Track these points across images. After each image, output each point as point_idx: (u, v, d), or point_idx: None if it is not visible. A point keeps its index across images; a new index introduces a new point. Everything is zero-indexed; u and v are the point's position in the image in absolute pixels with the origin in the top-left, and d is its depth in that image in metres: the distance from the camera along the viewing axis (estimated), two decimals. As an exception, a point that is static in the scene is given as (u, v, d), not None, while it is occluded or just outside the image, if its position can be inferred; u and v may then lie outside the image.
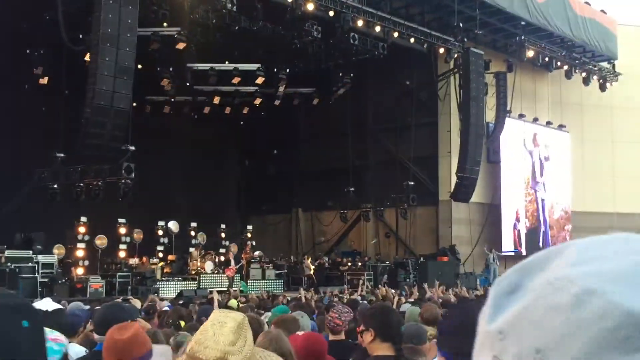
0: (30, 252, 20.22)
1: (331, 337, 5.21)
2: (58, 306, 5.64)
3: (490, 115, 29.12)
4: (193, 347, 1.79)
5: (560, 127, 33.15)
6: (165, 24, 23.10)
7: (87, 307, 7.40)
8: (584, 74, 31.86)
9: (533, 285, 0.67)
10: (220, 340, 1.77)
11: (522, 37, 28.62)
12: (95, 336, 3.91)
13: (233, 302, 11.26)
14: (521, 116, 31.27)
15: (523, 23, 27.89)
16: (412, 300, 12.09)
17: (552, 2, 28.37)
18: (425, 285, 18.31)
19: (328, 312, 6.19)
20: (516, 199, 31.13)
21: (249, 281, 24.33)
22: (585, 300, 0.63)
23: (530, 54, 29.03)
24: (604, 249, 0.68)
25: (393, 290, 16.95)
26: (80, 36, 20.56)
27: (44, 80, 24.35)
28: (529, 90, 31.94)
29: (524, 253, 30.65)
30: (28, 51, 24.06)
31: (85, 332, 5.01)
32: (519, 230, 30.99)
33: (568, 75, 31.36)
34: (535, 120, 32.12)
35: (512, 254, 29.78)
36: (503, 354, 0.66)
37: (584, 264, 0.66)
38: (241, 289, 22.33)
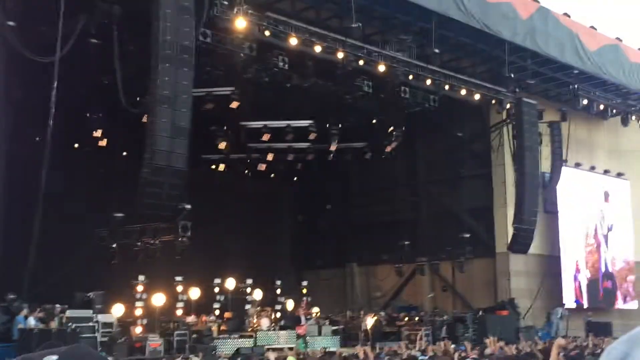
0: (91, 311, 20.45)
1: None
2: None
3: (545, 165, 28.75)
4: None
5: (619, 175, 32.47)
6: (219, 84, 23.60)
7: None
8: (641, 121, 31.34)
9: None
10: None
11: (576, 86, 28.36)
12: None
13: (291, 359, 11.16)
14: (577, 165, 30.76)
15: (576, 72, 27.68)
16: (475, 356, 11.80)
17: (604, 50, 28.15)
18: (489, 339, 17.86)
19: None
20: (576, 249, 30.41)
21: (307, 337, 24.13)
22: None
23: (584, 102, 28.70)
24: None
25: (453, 345, 16.61)
26: (138, 99, 21.11)
27: (103, 143, 25.01)
28: (584, 138, 31.48)
29: (585, 305, 29.82)
30: (88, 114, 24.79)
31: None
32: (579, 282, 30.18)
33: (624, 122, 30.87)
34: (592, 168, 31.56)
35: (575, 305, 29.01)
36: None
37: None
38: (299, 347, 22.15)
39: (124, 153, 23.51)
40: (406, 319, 27.59)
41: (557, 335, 26.81)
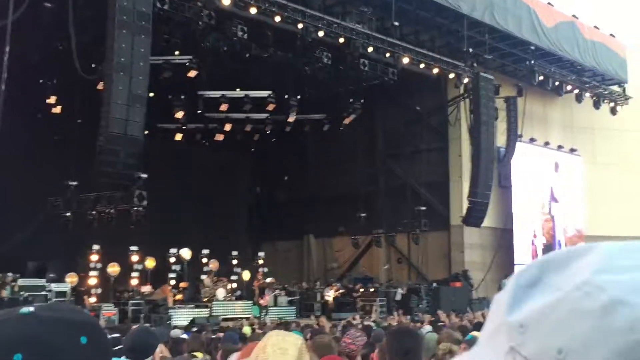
0: (44, 280, 20.25)
1: None
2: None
3: (501, 140, 29.12)
4: None
5: (572, 150, 33.08)
6: (177, 52, 23.32)
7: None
8: (594, 98, 31.87)
9: (555, 283, 0.68)
10: None
11: (532, 62, 28.67)
12: None
13: (247, 329, 11.21)
14: (532, 140, 31.25)
15: (532, 47, 27.99)
16: (429, 326, 11.99)
17: (561, 26, 28.49)
18: (439, 312, 18.16)
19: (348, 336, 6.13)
20: (532, 220, 31.06)
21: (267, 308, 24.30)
22: (615, 310, 0.64)
23: (540, 78, 29.06)
24: (633, 258, 0.69)
25: (408, 317, 16.85)
26: (93, 65, 20.75)
27: (57, 110, 24.56)
28: (539, 114, 31.94)
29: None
30: (41, 81, 24.30)
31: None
32: (536, 247, 30.89)
33: (578, 99, 31.37)
34: (547, 144, 32.10)
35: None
36: (522, 347, 0.67)
37: (613, 271, 0.67)
38: (254, 314, 22.26)
39: (79, 120, 23.09)
40: (361, 290, 27.87)
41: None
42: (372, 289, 27.86)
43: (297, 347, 1.90)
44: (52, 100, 24.63)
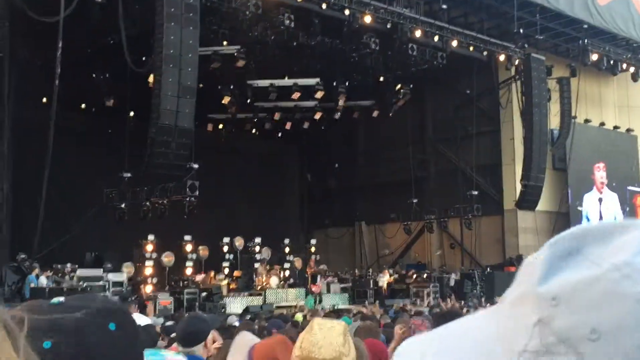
0: (101, 270, 20.69)
1: None
2: (148, 321, 5.69)
3: (554, 122, 28.60)
4: (306, 347, 1.84)
5: (628, 130, 32.26)
6: (225, 43, 23.47)
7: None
8: (651, 76, 31.01)
9: (594, 258, 0.65)
10: (333, 342, 1.84)
11: (585, 41, 28.01)
12: (180, 349, 3.94)
13: (299, 316, 11.26)
14: (587, 121, 30.57)
15: (585, 26, 27.31)
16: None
17: (615, 3, 27.74)
18: (497, 298, 17.96)
19: (398, 323, 6.10)
20: (587, 204, 30.38)
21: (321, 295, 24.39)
22: None
23: (594, 57, 28.36)
24: None
25: (462, 302, 16.72)
26: (144, 58, 21.03)
27: (110, 103, 25.01)
28: (594, 94, 31.22)
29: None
30: (94, 75, 24.74)
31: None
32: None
33: (634, 77, 30.55)
34: (602, 124, 31.38)
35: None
36: (552, 321, 0.64)
37: None
38: (308, 306, 22.37)
39: (131, 113, 23.48)
40: (414, 276, 27.78)
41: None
42: (425, 275, 27.76)
43: (343, 326, 1.95)
44: (104, 94, 25.07)
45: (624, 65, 30.01)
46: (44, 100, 21.54)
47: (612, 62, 29.33)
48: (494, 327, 0.69)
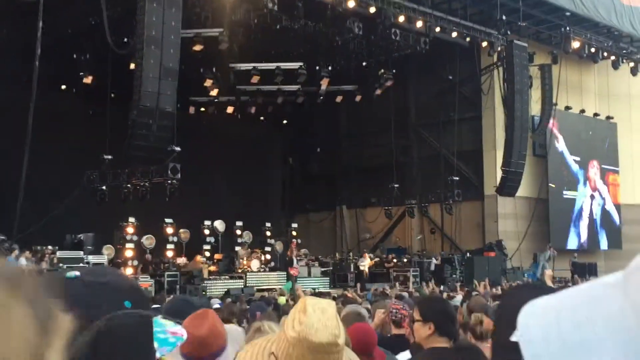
0: (81, 252, 20.63)
1: (394, 330, 5.14)
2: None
3: (535, 109, 28.78)
4: (302, 330, 1.85)
5: (608, 118, 32.53)
6: (207, 25, 23.33)
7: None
8: (631, 64, 31.21)
9: None
10: (328, 324, 1.85)
11: (567, 28, 28.14)
12: None
13: (282, 299, 11.31)
14: (567, 108, 30.79)
15: (568, 14, 27.45)
16: (463, 294, 12.00)
17: (597, -9, 27.88)
18: (476, 282, 18.13)
19: (379, 307, 6.14)
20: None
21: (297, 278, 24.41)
22: None
23: (575, 45, 28.51)
24: None
25: (442, 287, 16.84)
26: (125, 40, 20.88)
27: (91, 84, 24.78)
28: (575, 82, 31.42)
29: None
30: (74, 56, 24.52)
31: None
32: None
33: (615, 65, 30.76)
34: (582, 112, 31.61)
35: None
36: None
37: None
38: (287, 290, 22.40)
39: (112, 94, 23.31)
40: (394, 260, 27.93)
41: (543, 276, 27.24)
42: (405, 260, 27.92)
43: (333, 307, 1.97)
44: (86, 75, 24.87)
45: (605, 54, 30.20)
46: (24, 81, 21.34)
47: (593, 50, 29.51)
48: (629, 306, 0.69)
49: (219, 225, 25.56)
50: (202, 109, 30.05)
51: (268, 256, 25.58)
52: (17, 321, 0.63)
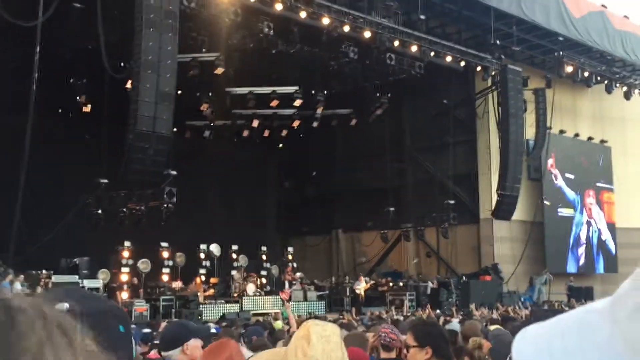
0: (77, 277, 20.55)
1: (383, 355, 5.15)
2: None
3: (530, 132, 28.90)
4: None
5: (602, 142, 32.69)
6: (204, 50, 23.47)
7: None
8: (624, 88, 31.44)
9: None
10: (333, 356, 1.82)
11: (561, 53, 28.39)
12: (163, 353, 3.98)
13: (278, 324, 11.28)
14: (562, 132, 30.94)
15: (561, 38, 27.70)
16: (460, 318, 11.99)
17: (589, 17, 28.15)
18: (472, 306, 18.12)
19: (372, 331, 6.15)
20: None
21: (291, 302, 24.28)
22: None
23: (569, 69, 28.74)
24: None
25: (438, 311, 16.81)
26: (122, 64, 20.97)
27: (87, 108, 24.88)
28: (569, 105, 31.61)
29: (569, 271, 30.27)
30: (72, 80, 24.61)
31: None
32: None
33: (608, 89, 30.98)
34: (577, 135, 31.77)
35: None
36: None
37: None
38: (284, 315, 22.31)
39: (109, 119, 23.38)
40: (390, 284, 27.88)
41: (540, 300, 27.21)
42: (401, 284, 27.87)
43: (337, 335, 1.94)
44: (82, 99, 24.96)
45: (598, 78, 30.43)
46: (21, 104, 21.38)
47: (586, 74, 29.74)
48: (617, 333, 0.69)
49: (215, 249, 25.50)
50: (198, 133, 30.12)
51: (264, 280, 25.50)
52: None
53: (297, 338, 1.91)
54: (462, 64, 26.19)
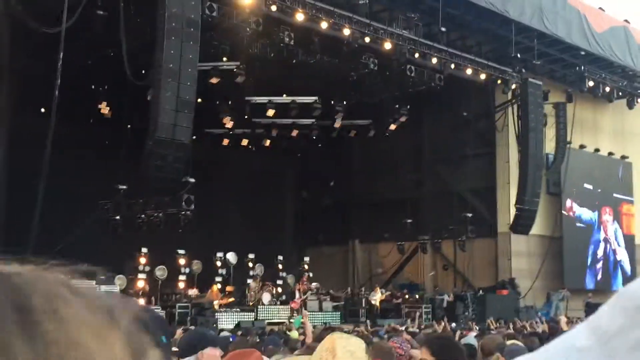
0: (93, 282, 20.59)
1: None
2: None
3: (549, 147, 28.73)
4: None
5: (623, 157, 32.42)
6: (225, 59, 23.59)
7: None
8: (646, 104, 31.22)
9: None
10: None
11: (582, 67, 28.23)
12: None
13: (294, 334, 11.26)
14: (582, 147, 30.73)
15: (583, 53, 27.55)
16: (477, 333, 11.91)
17: (612, 31, 28.00)
18: (490, 320, 18.00)
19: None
20: (583, 232, 30.62)
21: (306, 312, 24.23)
22: None
23: (590, 84, 28.58)
24: None
25: (454, 324, 16.71)
26: (143, 71, 21.11)
27: (108, 115, 25.07)
28: (589, 120, 31.40)
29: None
30: (93, 86, 24.82)
31: None
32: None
33: (630, 104, 30.75)
34: (597, 150, 31.54)
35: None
36: None
37: None
38: (295, 325, 22.28)
39: (129, 125, 23.55)
40: (406, 296, 27.76)
41: (557, 315, 26.97)
42: (417, 296, 27.74)
43: (363, 349, 1.92)
44: (103, 105, 25.15)
45: (620, 93, 30.23)
46: (42, 110, 21.59)
47: (607, 89, 29.55)
48: None
49: (231, 257, 25.54)
50: (217, 141, 30.24)
51: (279, 289, 25.49)
52: (114, 354, 0.65)
53: (322, 350, 1.89)
54: (483, 76, 26.11)
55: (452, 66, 24.95)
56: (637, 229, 32.47)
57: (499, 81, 26.67)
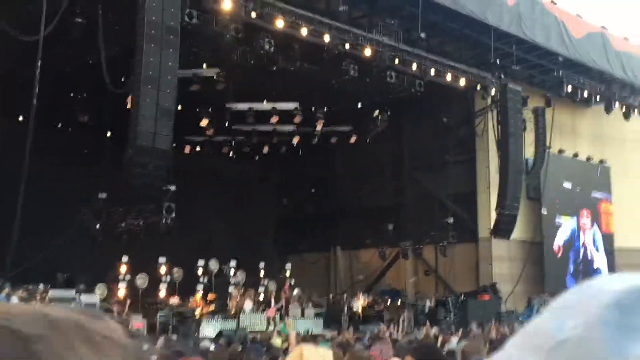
0: (73, 291, 20.45)
1: None
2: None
3: (529, 151, 28.91)
4: None
5: (601, 162, 32.71)
6: (204, 66, 23.52)
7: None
8: (624, 109, 31.49)
9: None
10: None
11: (560, 73, 28.47)
12: None
13: (277, 341, 11.22)
14: (561, 152, 30.97)
15: (561, 58, 27.77)
16: (458, 338, 11.93)
17: (589, 37, 28.24)
18: (474, 325, 18.04)
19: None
20: (561, 235, 30.82)
21: (289, 319, 24.20)
22: None
23: (568, 89, 28.81)
24: None
25: (436, 328, 16.73)
26: (122, 79, 21.01)
27: (84, 119, 24.88)
28: (568, 125, 31.65)
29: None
30: (72, 94, 24.64)
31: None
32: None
33: (608, 109, 31.03)
34: (575, 155, 31.79)
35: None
36: None
37: None
38: (279, 329, 22.21)
39: (108, 133, 23.43)
40: (388, 302, 27.75)
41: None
42: (399, 302, 27.75)
43: (330, 358, 1.93)
44: (82, 113, 24.97)
45: (598, 98, 30.50)
46: (20, 118, 21.40)
47: (586, 94, 29.80)
48: None
49: (213, 264, 25.42)
50: (198, 148, 30.14)
51: (261, 297, 25.39)
52: None
53: (290, 359, 1.89)
54: (462, 82, 26.24)
55: (432, 72, 25.05)
56: (616, 228, 32.72)
57: (478, 87, 26.83)
